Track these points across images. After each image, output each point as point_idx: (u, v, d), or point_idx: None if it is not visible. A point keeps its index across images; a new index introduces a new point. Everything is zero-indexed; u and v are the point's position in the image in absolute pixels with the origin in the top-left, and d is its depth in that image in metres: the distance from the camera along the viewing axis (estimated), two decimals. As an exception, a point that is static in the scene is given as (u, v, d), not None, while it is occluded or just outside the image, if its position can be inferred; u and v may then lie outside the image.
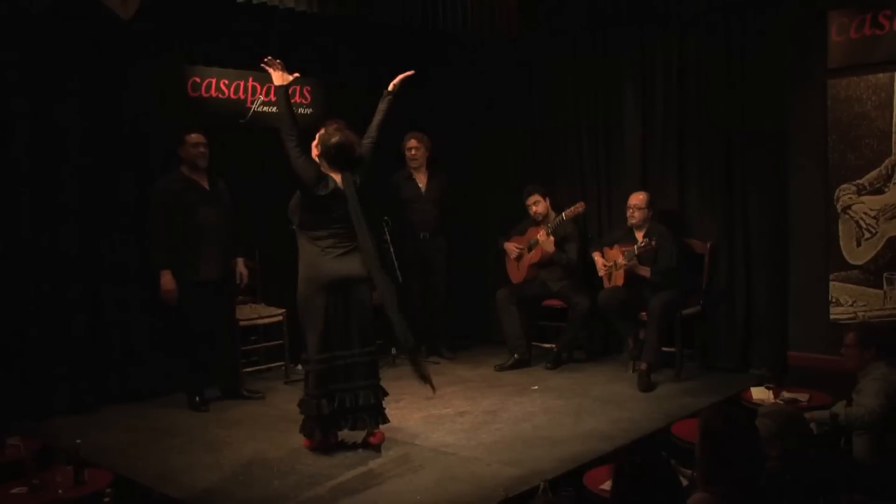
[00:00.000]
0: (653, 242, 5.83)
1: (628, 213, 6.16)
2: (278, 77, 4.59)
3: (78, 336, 5.52)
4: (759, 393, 4.98)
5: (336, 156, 4.54)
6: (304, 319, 4.62)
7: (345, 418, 4.61)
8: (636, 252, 5.91)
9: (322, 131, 4.61)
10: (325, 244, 4.54)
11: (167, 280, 5.45)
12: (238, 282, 5.80)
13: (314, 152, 4.60)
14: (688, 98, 6.33)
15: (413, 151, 6.66)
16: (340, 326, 4.56)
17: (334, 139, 4.53)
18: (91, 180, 5.61)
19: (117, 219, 5.71)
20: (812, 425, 3.94)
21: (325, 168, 4.56)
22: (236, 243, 5.76)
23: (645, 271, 5.98)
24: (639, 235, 6.08)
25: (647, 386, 5.70)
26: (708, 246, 6.19)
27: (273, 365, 6.40)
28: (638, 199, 6.14)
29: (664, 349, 5.96)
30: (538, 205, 6.54)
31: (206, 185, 5.60)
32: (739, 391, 5.23)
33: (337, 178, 4.56)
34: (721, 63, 6.13)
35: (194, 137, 5.51)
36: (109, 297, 5.69)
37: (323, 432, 4.61)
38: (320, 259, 4.53)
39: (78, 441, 3.94)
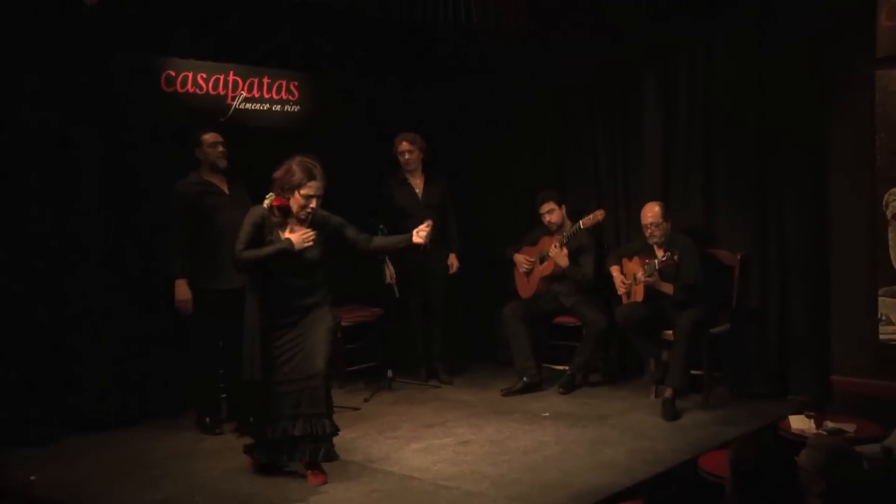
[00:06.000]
0: (675, 257, 5.60)
1: (647, 234, 5.93)
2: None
3: (39, 359, 5.27)
4: (798, 422, 4.78)
5: (313, 164, 4.48)
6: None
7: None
8: (657, 267, 5.68)
9: (284, 175, 4.40)
10: None
11: (182, 290, 5.34)
12: None
13: (303, 191, 4.38)
14: (714, 93, 6.13)
15: (406, 155, 6.43)
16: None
17: (303, 161, 4.44)
18: (54, 184, 5.38)
19: (80, 230, 5.47)
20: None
21: (313, 185, 4.42)
22: None
23: (668, 288, 5.74)
24: (658, 251, 5.85)
25: (672, 414, 5.48)
26: (738, 257, 5.97)
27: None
28: (653, 213, 5.86)
29: (691, 372, 5.74)
30: (553, 213, 6.36)
31: (225, 188, 5.45)
32: (776, 420, 5.08)
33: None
34: (752, 54, 5.91)
35: (210, 137, 5.38)
36: (76, 314, 5.45)
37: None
38: None
39: (32, 477, 3.84)
